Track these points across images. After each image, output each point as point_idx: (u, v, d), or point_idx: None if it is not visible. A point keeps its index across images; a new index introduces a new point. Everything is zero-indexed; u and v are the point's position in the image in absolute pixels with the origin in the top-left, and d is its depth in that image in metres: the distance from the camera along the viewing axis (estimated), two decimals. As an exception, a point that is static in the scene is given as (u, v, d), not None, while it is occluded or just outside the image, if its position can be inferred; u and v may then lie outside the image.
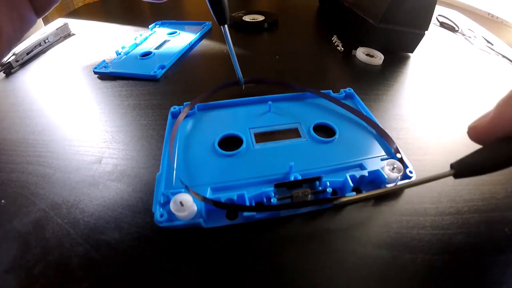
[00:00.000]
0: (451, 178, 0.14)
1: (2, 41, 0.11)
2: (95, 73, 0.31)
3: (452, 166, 0.13)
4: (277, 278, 0.14)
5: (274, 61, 0.33)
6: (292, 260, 0.14)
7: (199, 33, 0.39)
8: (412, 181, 0.15)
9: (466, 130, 0.14)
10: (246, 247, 0.15)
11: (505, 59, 0.34)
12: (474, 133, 0.13)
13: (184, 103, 0.23)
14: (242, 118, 0.23)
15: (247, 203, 0.15)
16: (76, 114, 0.26)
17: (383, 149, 0.19)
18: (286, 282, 0.13)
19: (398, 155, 0.18)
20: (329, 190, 0.16)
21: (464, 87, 0.28)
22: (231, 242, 0.15)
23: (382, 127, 0.20)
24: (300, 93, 0.25)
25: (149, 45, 0.36)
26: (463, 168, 0.13)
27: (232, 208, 0.15)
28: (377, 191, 0.15)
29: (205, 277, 0.14)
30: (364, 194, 0.15)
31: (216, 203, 0.14)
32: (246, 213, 0.15)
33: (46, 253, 0.15)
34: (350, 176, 0.16)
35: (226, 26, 0.21)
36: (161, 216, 0.15)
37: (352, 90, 0.25)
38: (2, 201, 0.18)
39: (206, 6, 0.21)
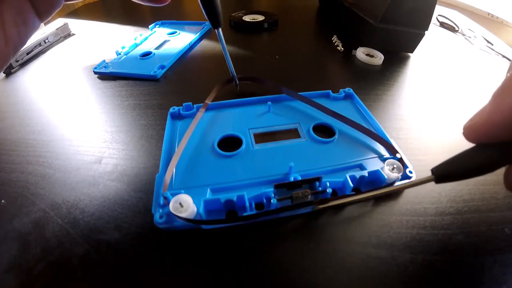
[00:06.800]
0: None
1: (8, 46, 0.12)
2: (95, 73, 0.31)
3: (432, 171, 0.13)
4: (277, 278, 0.14)
5: (274, 61, 0.33)
6: (292, 260, 0.14)
7: (199, 33, 0.39)
8: (392, 187, 0.14)
9: (462, 130, 0.12)
10: (246, 248, 0.15)
11: (505, 59, 0.34)
12: (471, 133, 0.11)
13: (184, 104, 0.23)
14: (242, 118, 0.23)
15: (247, 204, 0.15)
16: (76, 114, 0.26)
17: (383, 149, 0.19)
18: (286, 283, 0.13)
19: (398, 155, 0.18)
20: (329, 190, 0.16)
21: (464, 87, 0.28)
22: (231, 243, 0.15)
23: (364, 126, 0.21)
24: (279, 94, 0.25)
25: (149, 45, 0.36)
26: (444, 173, 0.12)
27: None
28: (357, 197, 0.15)
29: (205, 278, 0.14)
30: (345, 199, 0.15)
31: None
32: (245, 214, 0.15)
33: (46, 253, 0.15)
34: (350, 176, 0.16)
35: (220, 29, 0.22)
36: (161, 217, 0.15)
37: (351, 90, 0.25)
38: (2, 201, 0.18)
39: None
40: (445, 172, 0.12)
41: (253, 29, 0.42)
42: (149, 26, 0.42)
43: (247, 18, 0.44)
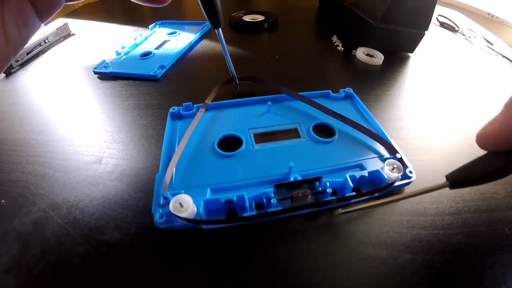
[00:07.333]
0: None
1: (8, 46, 0.12)
2: (95, 73, 0.31)
3: (447, 177, 0.13)
4: (277, 278, 0.14)
5: (274, 61, 0.33)
6: (292, 260, 0.14)
7: (199, 33, 0.39)
8: (408, 193, 0.15)
9: (475, 138, 0.13)
10: (246, 248, 0.15)
11: (505, 59, 0.34)
12: (484, 140, 0.12)
13: (184, 104, 0.23)
14: (242, 118, 0.23)
15: (247, 204, 0.15)
16: (76, 114, 0.26)
17: (383, 149, 0.19)
18: (286, 283, 0.13)
19: (398, 155, 0.18)
20: (329, 190, 0.16)
21: (464, 87, 0.28)
22: (231, 243, 0.15)
23: (364, 126, 0.21)
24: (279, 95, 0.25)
25: (149, 45, 0.36)
26: (458, 179, 0.13)
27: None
28: (374, 203, 0.15)
29: (205, 278, 0.14)
30: (362, 205, 0.15)
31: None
32: (246, 214, 0.15)
33: (46, 253, 0.15)
34: (350, 176, 0.16)
35: (220, 29, 0.22)
36: (161, 217, 0.15)
37: (351, 90, 0.25)
38: (2, 201, 0.18)
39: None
40: (460, 178, 0.13)
41: (253, 29, 0.42)
42: (149, 26, 0.42)
43: (247, 18, 0.44)
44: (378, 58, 0.32)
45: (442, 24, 0.44)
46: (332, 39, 0.37)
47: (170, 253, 0.15)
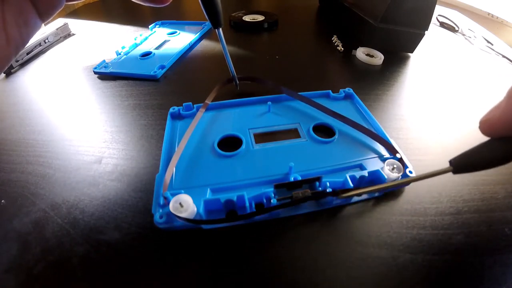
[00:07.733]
0: (451, 177, 0.14)
1: (9, 46, 0.12)
2: (95, 73, 0.31)
3: (450, 162, 0.13)
4: (277, 278, 0.14)
5: (274, 61, 0.33)
6: (292, 260, 0.14)
7: (199, 33, 0.39)
8: (412, 177, 0.15)
9: (478, 124, 0.13)
10: (246, 248, 0.15)
11: (505, 59, 0.34)
12: (487, 127, 0.12)
13: (184, 104, 0.23)
14: (242, 118, 0.23)
15: (247, 204, 0.15)
16: (76, 114, 0.26)
17: (383, 149, 0.19)
18: (286, 282, 0.13)
19: (398, 155, 0.18)
20: (329, 190, 0.16)
21: (464, 87, 0.28)
22: (231, 243, 0.15)
23: (364, 126, 0.21)
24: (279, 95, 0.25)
25: (149, 45, 0.36)
26: (461, 164, 0.13)
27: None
28: (377, 187, 0.15)
29: (205, 278, 0.14)
30: (365, 189, 0.15)
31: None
32: (245, 212, 0.15)
33: (46, 253, 0.15)
34: (350, 176, 0.16)
35: (220, 29, 0.22)
36: (161, 217, 0.15)
37: (351, 90, 0.25)
38: (2, 201, 0.18)
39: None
40: (463, 164, 0.13)
41: (253, 29, 0.42)
42: (149, 26, 0.42)
43: (247, 18, 0.44)
44: (378, 58, 0.32)
45: (442, 24, 0.44)
46: (332, 39, 0.37)
47: (170, 253, 0.15)
